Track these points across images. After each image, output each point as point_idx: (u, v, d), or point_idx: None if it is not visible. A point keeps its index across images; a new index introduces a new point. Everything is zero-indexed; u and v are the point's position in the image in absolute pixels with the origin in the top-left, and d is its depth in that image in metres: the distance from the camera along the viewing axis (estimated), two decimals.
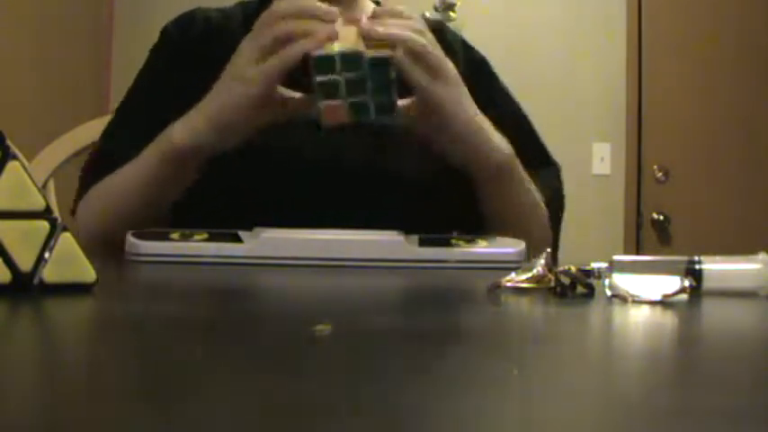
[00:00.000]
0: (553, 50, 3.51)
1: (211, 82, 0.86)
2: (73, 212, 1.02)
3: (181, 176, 0.89)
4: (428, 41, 0.83)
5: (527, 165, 0.99)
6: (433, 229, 0.84)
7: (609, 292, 0.53)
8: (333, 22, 0.80)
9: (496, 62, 1.12)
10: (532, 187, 0.97)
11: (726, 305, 0.54)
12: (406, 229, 0.79)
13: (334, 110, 0.79)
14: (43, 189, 1.29)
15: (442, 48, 1.07)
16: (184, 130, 0.85)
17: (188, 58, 1.01)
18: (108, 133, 1.05)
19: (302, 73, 0.80)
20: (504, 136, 0.94)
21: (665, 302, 0.51)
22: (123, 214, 0.91)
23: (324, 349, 0.36)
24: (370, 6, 1.08)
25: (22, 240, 0.48)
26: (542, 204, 0.99)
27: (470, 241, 0.78)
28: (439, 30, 1.09)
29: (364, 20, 0.81)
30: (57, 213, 0.50)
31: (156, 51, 1.06)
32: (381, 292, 0.64)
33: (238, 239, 0.75)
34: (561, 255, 0.59)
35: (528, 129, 1.10)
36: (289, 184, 0.96)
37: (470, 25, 3.40)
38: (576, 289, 0.54)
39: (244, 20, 1.03)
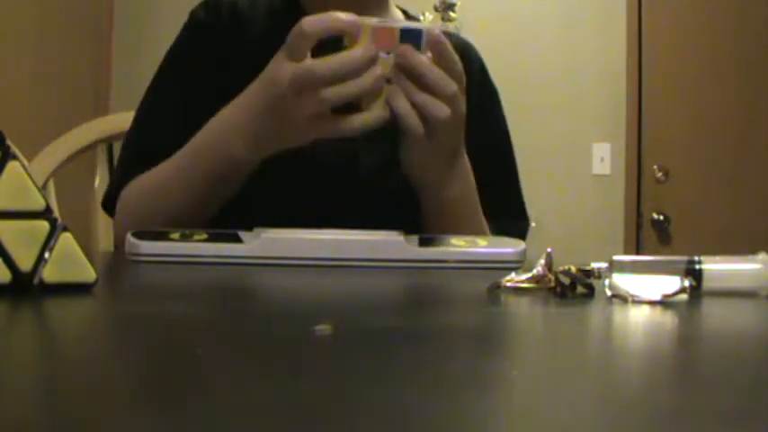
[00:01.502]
0: (553, 50, 3.51)
1: (239, 70, 0.85)
2: (104, 205, 1.01)
3: (235, 184, 0.89)
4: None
5: (499, 212, 1.00)
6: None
7: (609, 292, 0.53)
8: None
9: (496, 62, 1.12)
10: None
11: (726, 305, 0.54)
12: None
13: None
14: (43, 189, 1.29)
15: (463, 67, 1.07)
16: (245, 146, 0.84)
17: (217, 44, 1.00)
18: (140, 123, 1.03)
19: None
20: (486, 175, 0.94)
21: (665, 302, 0.51)
22: (169, 218, 0.90)
23: (324, 349, 0.36)
24: (398, 13, 1.09)
25: (22, 240, 0.48)
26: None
27: (470, 241, 0.78)
28: (462, 50, 1.09)
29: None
30: (57, 213, 0.50)
31: (184, 36, 1.04)
32: (381, 292, 0.64)
33: (238, 239, 0.75)
34: (561, 255, 0.59)
35: (512, 177, 1.10)
36: (291, 185, 0.96)
37: (470, 25, 3.40)
38: (576, 289, 0.54)
39: (272, 7, 1.03)
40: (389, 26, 0.80)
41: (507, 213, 1.05)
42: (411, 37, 0.79)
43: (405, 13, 1.11)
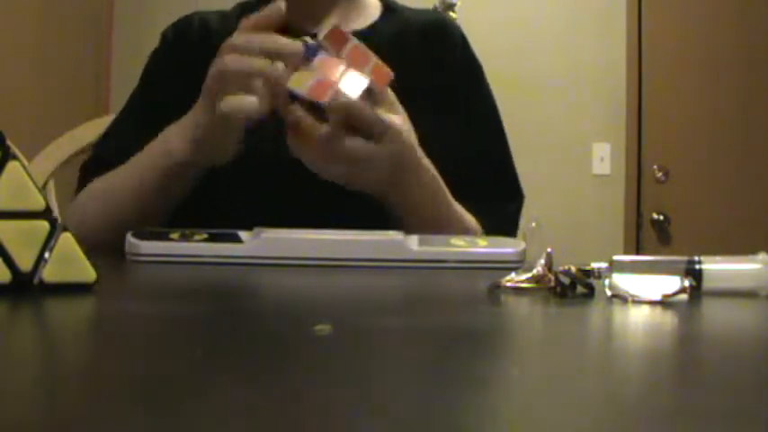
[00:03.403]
0: (553, 50, 3.51)
1: None
2: None
3: (179, 187, 0.89)
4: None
5: (490, 188, 0.98)
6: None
7: (609, 292, 0.53)
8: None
9: (496, 62, 1.12)
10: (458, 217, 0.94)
11: (726, 305, 0.54)
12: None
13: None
14: (43, 189, 1.29)
15: (440, 44, 1.06)
16: (182, 144, 0.85)
17: (186, 63, 1.01)
18: (106, 134, 1.06)
19: None
20: (475, 151, 0.93)
21: (665, 302, 0.51)
22: (117, 219, 0.90)
23: (324, 349, 0.36)
24: (374, 3, 1.08)
25: (22, 240, 0.48)
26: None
27: (470, 241, 0.78)
28: (441, 26, 1.09)
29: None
30: (57, 213, 0.50)
31: (154, 56, 1.07)
32: (381, 292, 0.64)
33: (238, 239, 0.75)
34: (561, 255, 0.59)
35: (502, 151, 1.08)
36: (290, 185, 0.96)
37: (470, 25, 3.40)
38: (576, 289, 0.54)
39: (241, 17, 1.03)
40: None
41: (499, 189, 1.04)
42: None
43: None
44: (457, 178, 0.91)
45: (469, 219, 0.95)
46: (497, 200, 1.02)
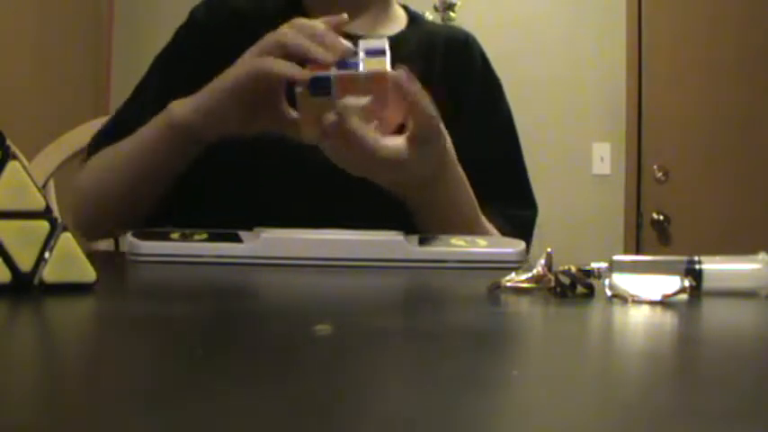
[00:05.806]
0: (553, 50, 3.51)
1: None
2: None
3: (175, 154, 0.89)
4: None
5: (505, 201, 0.99)
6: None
7: (609, 292, 0.53)
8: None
9: (496, 62, 1.12)
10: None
11: (726, 305, 0.54)
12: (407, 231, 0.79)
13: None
14: (43, 189, 1.29)
15: (463, 59, 1.07)
16: (183, 108, 0.86)
17: (212, 43, 1.00)
18: (123, 106, 1.06)
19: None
20: (491, 165, 0.93)
21: (665, 302, 0.51)
22: (115, 183, 0.93)
23: (324, 349, 0.36)
24: (401, 14, 1.09)
25: (22, 240, 0.48)
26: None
27: (470, 241, 0.78)
28: (464, 41, 1.10)
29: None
30: (57, 213, 0.50)
31: (180, 32, 1.05)
32: (381, 292, 0.64)
33: (238, 239, 0.75)
34: (561, 255, 0.59)
35: (518, 166, 1.09)
36: (290, 184, 0.96)
37: (470, 25, 3.40)
38: (576, 289, 0.54)
39: (275, 11, 1.03)
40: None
41: (514, 202, 1.05)
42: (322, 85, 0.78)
43: (406, 9, 1.11)
44: (474, 186, 0.92)
45: (490, 226, 0.95)
46: (514, 208, 1.03)
